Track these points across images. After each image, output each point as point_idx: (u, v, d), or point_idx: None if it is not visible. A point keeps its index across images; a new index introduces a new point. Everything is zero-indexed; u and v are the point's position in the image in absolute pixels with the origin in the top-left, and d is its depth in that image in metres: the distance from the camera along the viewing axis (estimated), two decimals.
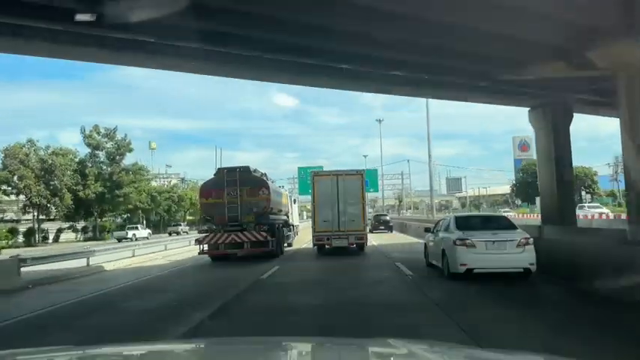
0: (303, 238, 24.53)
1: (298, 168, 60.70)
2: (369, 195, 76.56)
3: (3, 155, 40.81)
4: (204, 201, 16.41)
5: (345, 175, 16.96)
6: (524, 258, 9.35)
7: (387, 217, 37.13)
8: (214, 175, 16.62)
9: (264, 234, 15.68)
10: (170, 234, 45.53)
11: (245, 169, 16.43)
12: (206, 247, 16.23)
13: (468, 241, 9.47)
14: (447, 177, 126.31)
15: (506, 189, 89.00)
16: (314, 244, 17.00)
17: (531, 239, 9.54)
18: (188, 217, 69.05)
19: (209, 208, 16.23)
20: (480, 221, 11.34)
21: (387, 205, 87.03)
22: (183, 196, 63.21)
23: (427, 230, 13.15)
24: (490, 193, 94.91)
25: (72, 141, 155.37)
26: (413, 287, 9.79)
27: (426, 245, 12.67)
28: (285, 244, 20.11)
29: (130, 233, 41.79)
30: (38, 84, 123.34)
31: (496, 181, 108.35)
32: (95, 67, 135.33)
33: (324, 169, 49.85)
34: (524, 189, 73.45)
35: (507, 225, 10.56)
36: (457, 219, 11.05)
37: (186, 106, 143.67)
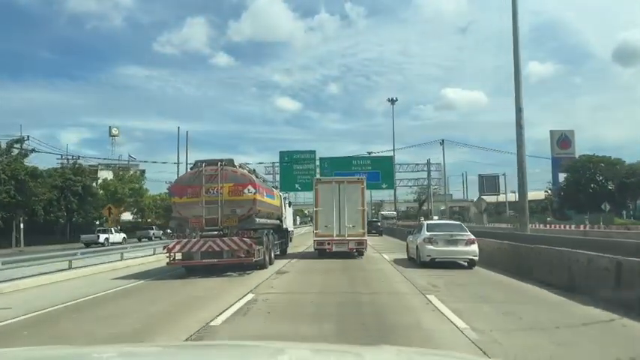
0: (298, 246, 22.44)
1: (280, 153, 42.64)
2: (378, 194, 65.71)
3: None
4: (177, 200, 13.53)
5: (346, 182, 17.58)
6: (470, 251, 13.22)
7: (379, 223, 44.53)
8: (191, 168, 13.89)
9: (248, 241, 12.93)
10: (140, 239, 39.80)
11: (228, 163, 13.66)
12: (179, 255, 13.48)
13: (432, 239, 13.46)
14: (479, 174, 78.31)
15: (539, 194, 69.97)
16: (315, 248, 17.37)
17: (475, 239, 13.45)
18: (128, 218, 52.63)
19: (183, 208, 13.39)
20: (443, 226, 15.34)
21: (401, 208, 62.09)
22: (91, 187, 44.81)
23: (409, 233, 17.11)
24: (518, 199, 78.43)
25: (72, 141, 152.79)
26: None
27: (407, 244, 16.41)
28: (279, 251, 17.63)
29: (102, 237, 35.31)
30: (40, 84, 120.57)
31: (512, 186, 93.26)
32: (96, 67, 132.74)
33: (318, 158, 40.92)
34: (573, 193, 54.19)
35: (460, 228, 14.43)
36: (427, 224, 15.11)
37: (187, 108, 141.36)
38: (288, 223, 22.93)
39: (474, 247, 13.16)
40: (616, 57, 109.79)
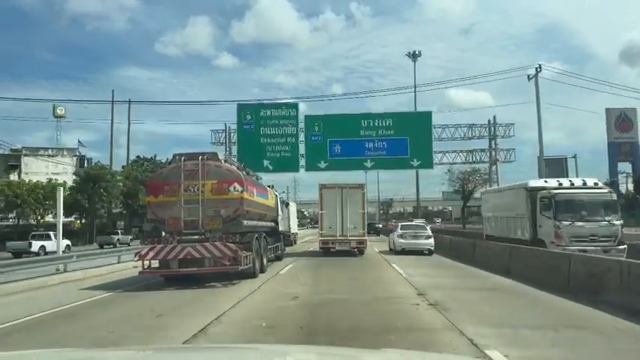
0: (302, 247, 22.02)
1: (238, 106, 26.42)
2: (398, 179, 61.47)
3: None
4: (152, 199, 11.74)
5: (348, 188, 19.30)
6: (429, 243, 19.38)
7: (377, 225, 50.49)
8: (168, 163, 12.14)
9: (233, 247, 11.18)
10: (102, 246, 32.87)
11: (211, 157, 11.93)
12: (155, 263, 11.73)
13: (403, 235, 19.81)
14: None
15: None
16: (320, 247, 19.28)
17: (432, 235, 20.17)
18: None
19: (158, 208, 11.63)
20: (411, 226, 21.85)
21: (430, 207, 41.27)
22: None
23: (391, 231, 23.64)
24: None
25: (74, 142, 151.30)
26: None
27: (389, 239, 22.41)
28: (273, 255, 15.93)
29: (37, 245, 26.32)
30: (42, 84, 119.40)
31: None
32: (97, 68, 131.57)
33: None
34: None
35: (423, 228, 21.08)
36: (401, 225, 21.94)
37: (189, 110, 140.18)
38: (290, 224, 21.64)
39: (431, 241, 19.42)
40: (622, 57, 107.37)
